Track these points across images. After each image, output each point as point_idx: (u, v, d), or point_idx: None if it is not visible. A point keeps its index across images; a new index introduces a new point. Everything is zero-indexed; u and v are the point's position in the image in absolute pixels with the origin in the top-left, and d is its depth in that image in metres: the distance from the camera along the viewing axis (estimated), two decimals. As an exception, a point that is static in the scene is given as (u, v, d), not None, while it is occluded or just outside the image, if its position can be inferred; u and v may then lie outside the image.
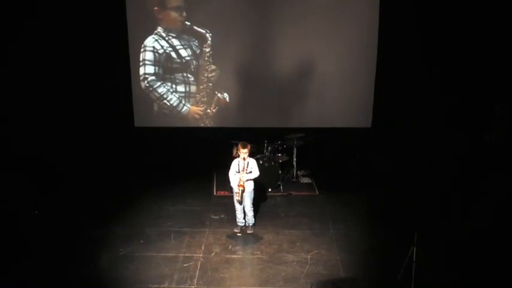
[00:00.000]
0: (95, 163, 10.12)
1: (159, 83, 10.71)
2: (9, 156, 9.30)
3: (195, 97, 10.79)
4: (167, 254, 7.35)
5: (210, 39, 10.48)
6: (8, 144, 9.35)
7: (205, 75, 10.70)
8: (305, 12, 10.38)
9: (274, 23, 10.44)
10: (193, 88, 10.75)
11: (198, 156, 10.39)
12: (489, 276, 6.74)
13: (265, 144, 9.72)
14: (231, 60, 10.67)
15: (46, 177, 9.36)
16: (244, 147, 7.69)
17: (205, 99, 10.79)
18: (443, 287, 6.60)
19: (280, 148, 9.90)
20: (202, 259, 7.25)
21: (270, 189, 9.49)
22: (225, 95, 10.78)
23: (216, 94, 10.76)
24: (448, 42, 10.08)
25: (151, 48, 10.54)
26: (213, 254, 7.41)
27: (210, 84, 10.73)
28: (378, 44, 10.47)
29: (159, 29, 10.45)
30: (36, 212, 8.38)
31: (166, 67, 10.66)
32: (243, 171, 7.68)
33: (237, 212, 7.95)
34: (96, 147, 10.29)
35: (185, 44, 10.55)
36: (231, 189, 8.00)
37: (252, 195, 7.89)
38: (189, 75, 10.70)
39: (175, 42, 10.53)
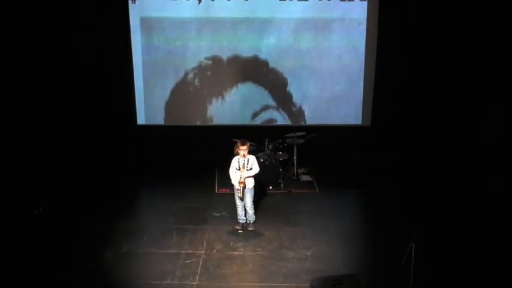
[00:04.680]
0: (98, 161, 10.18)
1: (160, 82, 10.75)
2: (11, 155, 9.34)
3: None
4: (169, 251, 7.43)
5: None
6: (8, 142, 9.38)
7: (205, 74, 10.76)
8: (305, 10, 10.42)
9: (274, 20, 10.45)
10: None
11: (199, 154, 10.44)
12: (488, 275, 6.81)
13: (266, 143, 9.78)
14: (231, 59, 10.68)
15: (49, 175, 9.43)
16: (243, 144, 7.77)
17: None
18: (442, 284, 6.67)
19: (280, 146, 9.98)
20: (204, 256, 7.32)
21: (270, 187, 9.56)
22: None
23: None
24: (448, 41, 10.12)
25: (151, 47, 10.56)
26: (214, 250, 7.48)
27: (209, 82, 10.78)
28: (378, 42, 10.51)
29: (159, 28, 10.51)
30: (40, 209, 8.45)
31: (167, 66, 10.68)
32: (243, 168, 7.77)
33: (238, 209, 8.03)
34: (99, 145, 10.34)
35: (183, 43, 10.59)
36: (232, 186, 8.08)
37: (253, 192, 7.96)
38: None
39: (174, 42, 10.57)
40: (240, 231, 8.02)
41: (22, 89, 9.73)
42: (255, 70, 10.72)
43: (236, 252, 7.47)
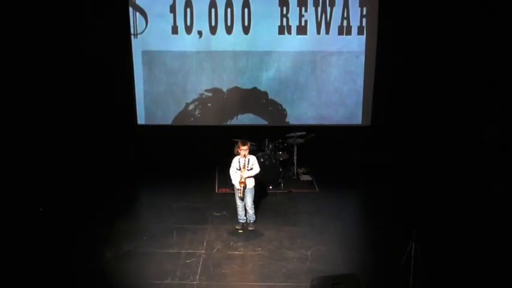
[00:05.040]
0: (98, 161, 10.19)
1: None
2: (11, 154, 9.34)
3: (195, 95, 10.85)
4: (170, 250, 7.44)
5: (209, 38, 10.55)
6: (9, 142, 9.39)
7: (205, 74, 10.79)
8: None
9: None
10: (194, 86, 10.78)
11: (200, 154, 10.46)
12: (488, 275, 6.82)
13: (266, 143, 9.81)
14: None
15: (49, 175, 9.44)
16: (244, 145, 7.79)
17: (206, 97, 10.87)
18: (442, 284, 6.68)
19: (280, 146, 9.99)
20: (204, 255, 7.33)
21: (270, 187, 9.58)
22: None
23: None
24: (448, 41, 10.13)
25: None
26: (215, 250, 7.50)
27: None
28: (378, 41, 10.53)
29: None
30: (40, 209, 8.47)
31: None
32: (244, 168, 7.78)
33: (238, 209, 8.05)
34: (100, 145, 10.36)
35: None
36: (232, 186, 8.10)
37: (253, 192, 7.98)
38: (189, 73, 10.71)
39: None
40: (240, 231, 8.04)
41: (26, 90, 9.75)
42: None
43: (236, 252, 7.49)
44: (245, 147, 7.78)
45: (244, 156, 7.79)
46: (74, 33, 9.98)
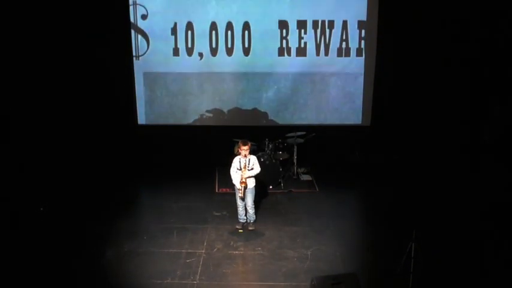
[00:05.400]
0: (99, 161, 10.20)
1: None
2: (12, 154, 9.36)
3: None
4: (170, 250, 7.46)
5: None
6: (10, 142, 9.40)
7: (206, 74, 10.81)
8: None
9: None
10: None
11: (200, 153, 10.48)
12: (488, 275, 6.83)
13: (266, 142, 9.83)
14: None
15: (50, 175, 9.45)
16: (244, 145, 7.80)
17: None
18: (442, 284, 6.69)
19: (281, 146, 10.01)
20: (204, 255, 7.35)
21: (270, 187, 9.60)
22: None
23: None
24: (448, 41, 10.15)
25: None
26: (215, 250, 7.51)
27: (211, 83, 10.82)
28: (378, 41, 10.55)
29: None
30: (41, 209, 8.48)
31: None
32: (245, 168, 7.79)
33: (238, 208, 8.06)
34: (100, 145, 10.37)
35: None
36: (232, 186, 8.11)
37: (254, 192, 7.99)
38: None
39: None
40: (240, 231, 8.05)
41: (23, 88, 9.75)
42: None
43: (236, 252, 7.50)
44: (246, 147, 7.78)
45: (245, 156, 7.80)
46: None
